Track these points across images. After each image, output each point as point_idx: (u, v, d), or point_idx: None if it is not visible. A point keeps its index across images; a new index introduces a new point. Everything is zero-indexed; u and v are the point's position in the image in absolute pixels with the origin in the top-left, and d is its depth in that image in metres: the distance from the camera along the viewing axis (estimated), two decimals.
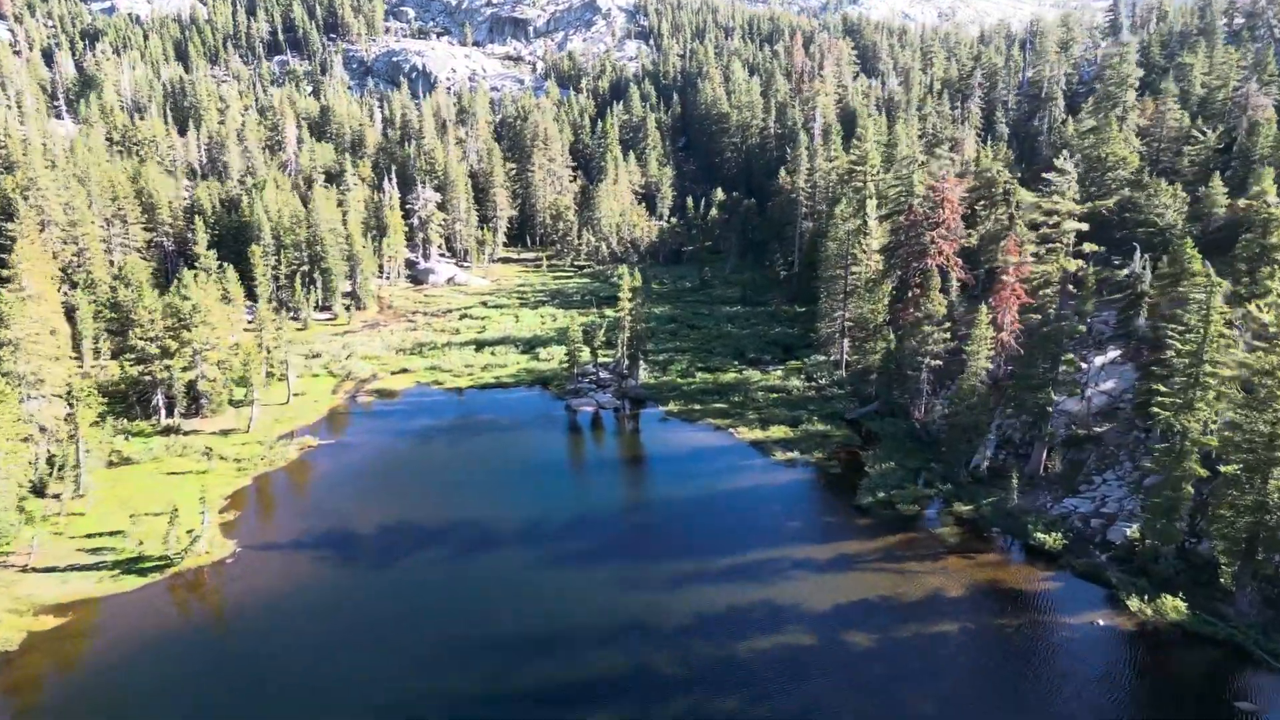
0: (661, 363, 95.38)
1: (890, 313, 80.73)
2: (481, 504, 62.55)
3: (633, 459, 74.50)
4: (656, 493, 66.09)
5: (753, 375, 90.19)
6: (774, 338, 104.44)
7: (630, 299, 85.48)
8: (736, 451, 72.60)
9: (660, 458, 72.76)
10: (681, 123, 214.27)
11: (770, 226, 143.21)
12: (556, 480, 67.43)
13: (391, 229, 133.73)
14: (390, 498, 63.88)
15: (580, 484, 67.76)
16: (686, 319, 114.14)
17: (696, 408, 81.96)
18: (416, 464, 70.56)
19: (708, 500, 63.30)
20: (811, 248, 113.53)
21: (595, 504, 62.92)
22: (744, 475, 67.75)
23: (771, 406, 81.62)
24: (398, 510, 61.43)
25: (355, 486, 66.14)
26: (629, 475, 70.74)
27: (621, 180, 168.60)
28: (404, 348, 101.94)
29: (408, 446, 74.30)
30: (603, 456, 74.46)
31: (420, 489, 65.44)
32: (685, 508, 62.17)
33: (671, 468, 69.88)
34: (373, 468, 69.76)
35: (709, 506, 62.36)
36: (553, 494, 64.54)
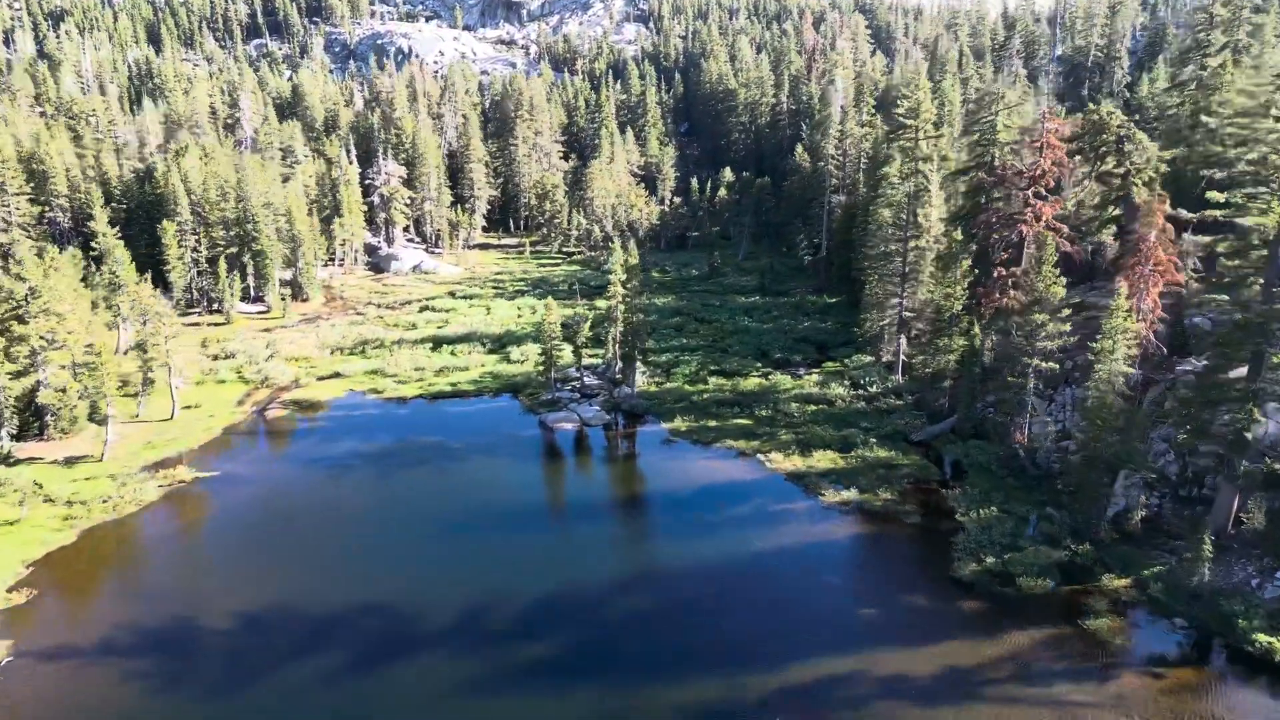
0: (664, 365, 75.34)
1: (968, 299, 60.61)
2: (404, 578, 42.49)
3: (627, 502, 54.14)
4: (662, 558, 45.74)
5: (781, 381, 70.07)
6: (803, 334, 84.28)
7: (624, 281, 65.33)
8: (769, 489, 52.52)
9: (665, 500, 52.43)
10: (684, 105, 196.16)
11: (791, 205, 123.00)
12: (518, 538, 47.10)
13: (346, 208, 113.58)
14: (271, 567, 43.78)
15: (551, 544, 47.39)
16: (694, 311, 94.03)
17: (711, 424, 61.92)
18: (323, 511, 50.40)
19: (737, 570, 43.15)
20: (846, 225, 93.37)
21: (571, 578, 42.67)
22: (784, 527, 47.57)
23: (811, 423, 61.53)
24: (275, 589, 41.32)
25: (225, 548, 46.07)
26: (622, 529, 50.40)
27: (618, 159, 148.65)
28: (342, 346, 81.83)
29: (317, 482, 54.17)
30: (585, 498, 54.08)
31: (318, 553, 45.29)
32: (705, 583, 41.98)
33: (681, 516, 49.62)
34: (260, 516, 49.67)
35: (740, 580, 42.19)
36: (510, 561, 44.36)
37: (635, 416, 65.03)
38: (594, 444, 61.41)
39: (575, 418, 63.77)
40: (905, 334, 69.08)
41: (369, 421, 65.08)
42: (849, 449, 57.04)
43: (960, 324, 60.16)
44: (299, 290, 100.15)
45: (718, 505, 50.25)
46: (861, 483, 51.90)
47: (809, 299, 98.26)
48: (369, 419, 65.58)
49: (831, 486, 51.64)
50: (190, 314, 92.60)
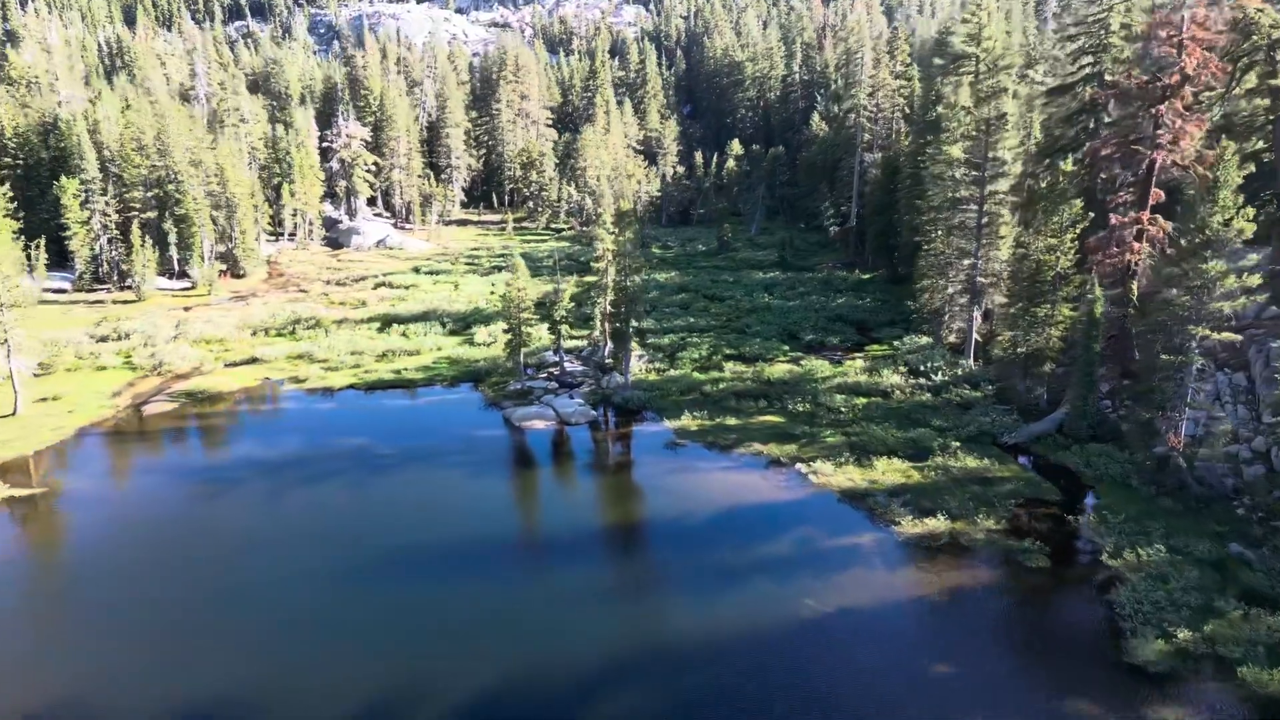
0: (667, 348, 59.80)
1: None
2: (274, 661, 26.88)
3: (620, 535, 38.13)
4: (673, 626, 29.91)
5: (817, 367, 54.47)
6: (837, 312, 68.62)
7: (615, 235, 49.74)
8: (818, 513, 36.92)
9: (673, 532, 36.52)
10: (686, 83, 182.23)
11: (811, 174, 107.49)
12: (460, 592, 31.54)
13: (298, 173, 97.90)
14: (71, 639, 28.20)
15: (510, 603, 31.51)
16: (703, 288, 78.42)
17: (730, 423, 46.38)
18: (180, 546, 34.78)
19: (783, 645, 27.41)
20: (885, 184, 77.78)
21: (539, 659, 27.06)
22: (848, 575, 31.90)
23: (865, 421, 46.01)
24: (67, 679, 25.72)
25: (16, 612, 30.42)
26: (613, 578, 34.47)
27: (615, 131, 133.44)
28: (268, 327, 66.25)
29: (184, 504, 38.58)
30: (561, 530, 37.89)
31: (152, 616, 29.70)
32: (736, 668, 26.28)
33: (697, 557, 33.87)
34: (88, 557, 34.13)
35: (788, 664, 26.46)
36: (447, 629, 28.83)
37: (630, 412, 49.43)
38: (576, 449, 45.74)
39: (551, 414, 48.13)
40: (979, 305, 53.46)
41: (279, 419, 49.56)
42: (923, 456, 41.49)
43: (1067, 287, 44.54)
44: (234, 265, 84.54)
45: (747, 539, 34.59)
46: (950, 505, 36.27)
47: (838, 274, 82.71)
48: (280, 415, 50.05)
49: (908, 511, 36.00)
50: (97, 290, 77.08)
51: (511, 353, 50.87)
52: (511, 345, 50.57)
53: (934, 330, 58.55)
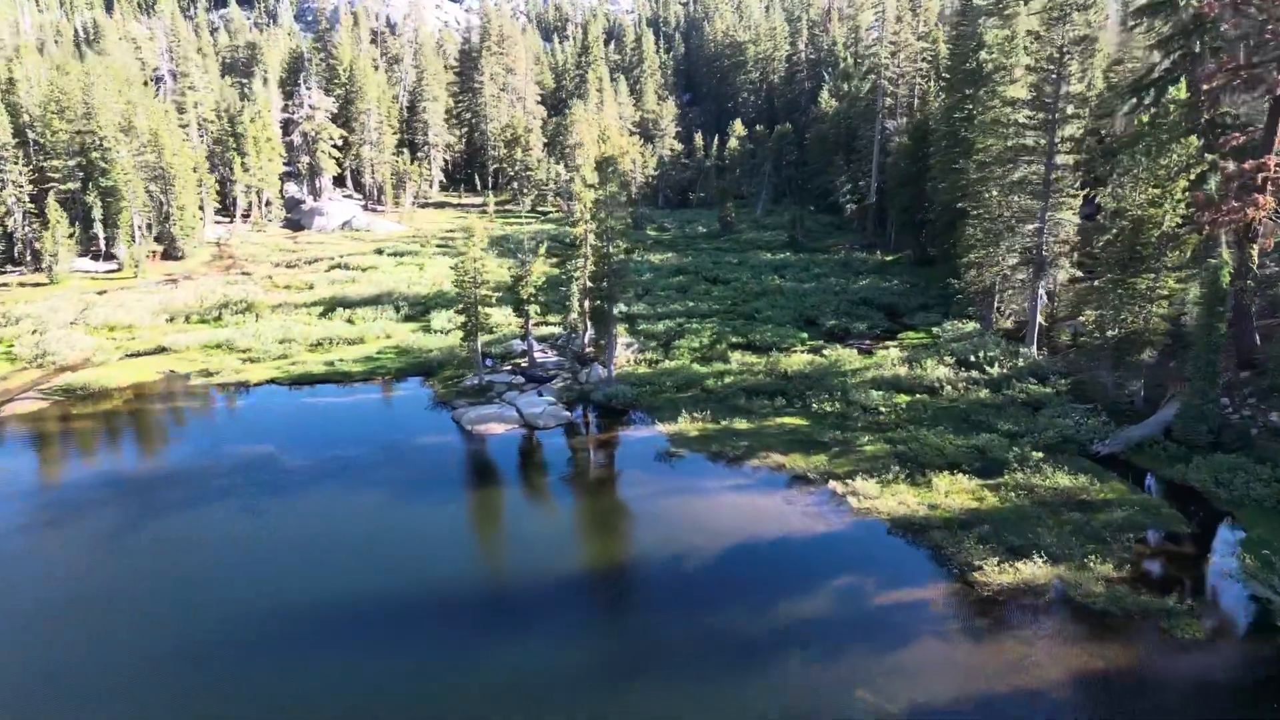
0: (661, 336, 49.76)
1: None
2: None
3: (596, 588, 27.62)
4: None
5: (844, 357, 44.42)
6: (861, 295, 58.54)
7: (595, 192, 39.62)
8: (866, 552, 27.03)
9: (668, 582, 26.21)
10: (685, 68, 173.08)
11: (824, 148, 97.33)
12: (374, 671, 21.61)
13: (252, 145, 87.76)
14: None
15: (445, 688, 21.53)
16: (703, 269, 68.30)
17: (740, 426, 36.37)
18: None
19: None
20: (913, 151, 67.69)
21: None
22: (925, 654, 21.85)
23: (911, 424, 36.01)
24: None
25: None
26: (586, 657, 24.17)
27: (609, 109, 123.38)
28: (191, 312, 56.17)
29: (6, 538, 28.53)
30: (517, 581, 27.27)
31: None
32: None
33: (702, 622, 23.71)
34: None
35: None
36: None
37: (614, 413, 39.37)
38: (541, 461, 35.64)
39: (513, 415, 38.03)
40: (1045, 280, 43.40)
41: (171, 421, 39.52)
42: (994, 470, 31.50)
43: (1175, 252, 34.50)
44: (171, 245, 74.40)
45: (769, 594, 24.53)
46: (1046, 541, 26.24)
47: (857, 255, 72.61)
48: (173, 417, 40.00)
49: (988, 549, 25.97)
50: (9, 272, 66.99)
51: (467, 340, 40.75)
52: (467, 331, 40.46)
53: (982, 313, 48.54)
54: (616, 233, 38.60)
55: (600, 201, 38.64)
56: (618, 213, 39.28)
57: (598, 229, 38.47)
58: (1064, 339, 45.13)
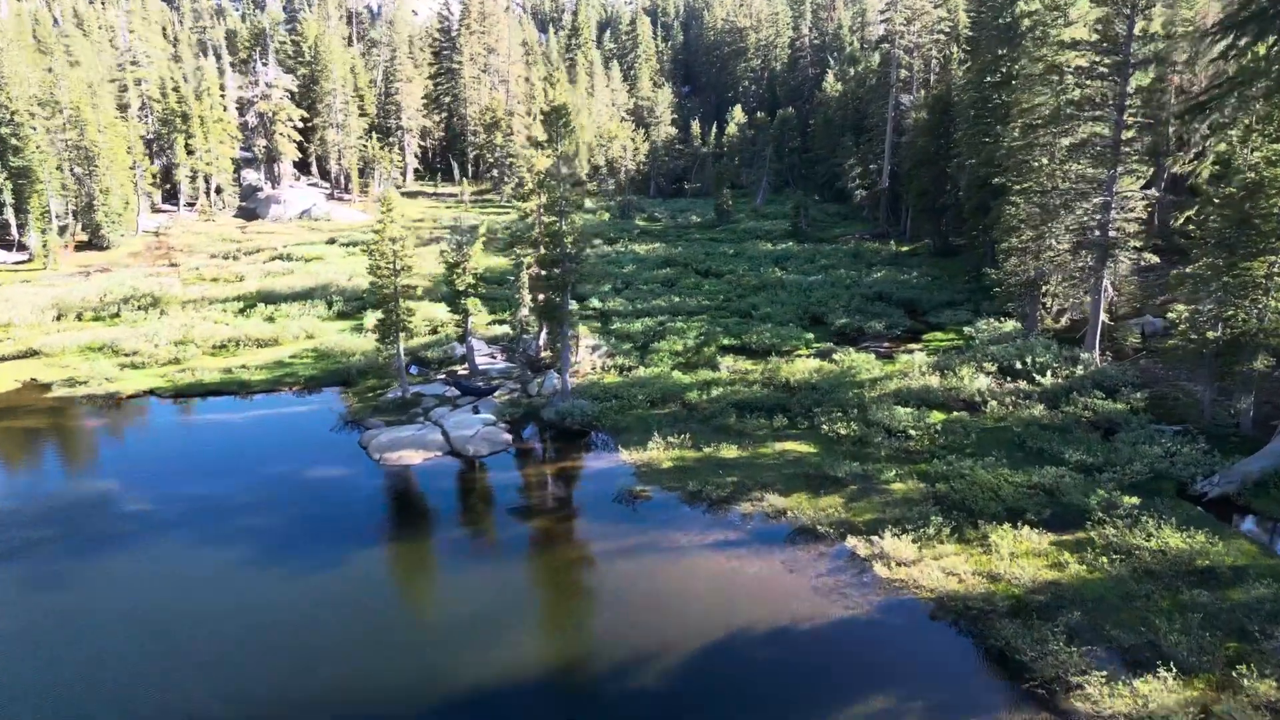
0: (639, 337, 41.29)
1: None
2: None
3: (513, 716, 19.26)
4: None
5: (858, 363, 36.01)
6: (876, 289, 50.02)
7: (546, 154, 31.07)
8: (904, 653, 18.53)
9: (622, 712, 17.79)
10: (684, 58, 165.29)
11: (830, 133, 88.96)
12: None
13: (197, 126, 79.39)
14: None
15: None
16: (694, 260, 59.80)
17: (729, 454, 28.03)
18: None
19: None
20: (933, 125, 59.27)
21: None
22: None
23: (951, 453, 27.51)
24: None
25: None
26: None
27: (600, 94, 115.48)
28: (87, 307, 47.89)
29: None
30: (391, 707, 19.19)
31: None
32: None
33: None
34: None
35: None
36: None
37: (569, 435, 30.89)
38: (465, 505, 27.17)
39: (436, 440, 29.53)
40: (1110, 267, 34.88)
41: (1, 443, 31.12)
42: (1070, 520, 23.14)
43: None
44: (96, 234, 66.04)
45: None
46: (1171, 640, 17.78)
47: (868, 245, 64.20)
48: (4, 438, 31.57)
49: (1085, 653, 17.49)
50: None
51: (385, 342, 32.31)
52: (384, 331, 32.01)
53: (1025, 310, 40.08)
54: (571, 204, 30.16)
55: (551, 170, 30.16)
56: (573, 179, 30.78)
57: (548, 201, 30.02)
58: (1131, 341, 36.66)
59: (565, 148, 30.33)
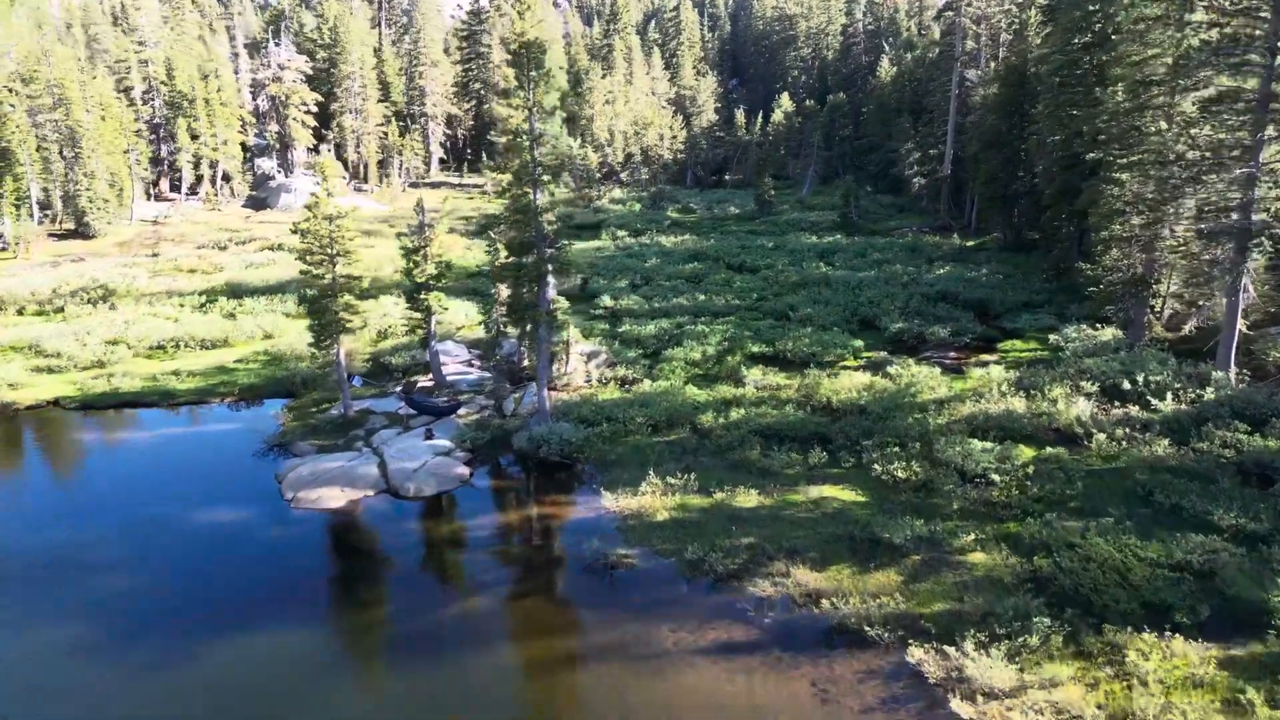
0: (650, 341, 34.29)
1: None
2: None
3: None
4: None
5: (920, 377, 28.67)
6: (938, 287, 42.20)
7: (522, 100, 24.21)
8: None
9: None
10: (732, 48, 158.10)
11: (885, 118, 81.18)
12: None
13: (201, 108, 74.38)
14: None
15: None
16: (726, 254, 52.49)
17: (744, 502, 20.97)
18: None
19: None
20: (1006, 100, 51.36)
21: None
22: None
23: (1050, 508, 20.07)
24: None
25: None
26: None
27: (639, 81, 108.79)
28: (35, 300, 42.35)
29: None
30: None
31: None
32: None
33: None
34: None
35: None
36: None
37: (544, 469, 24.02)
38: (388, 572, 20.38)
39: (371, 475, 22.88)
40: (1252, 260, 26.95)
41: None
42: (1240, 624, 15.53)
43: None
44: (80, 221, 61.03)
45: None
46: None
47: (927, 238, 56.41)
48: None
49: None
50: None
51: (320, 346, 25.80)
52: (319, 335, 25.53)
53: (1129, 314, 32.23)
54: (550, 170, 23.33)
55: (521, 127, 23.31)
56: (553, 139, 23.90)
57: (517, 167, 23.22)
58: (1275, 356, 28.70)
59: (540, 96, 23.55)
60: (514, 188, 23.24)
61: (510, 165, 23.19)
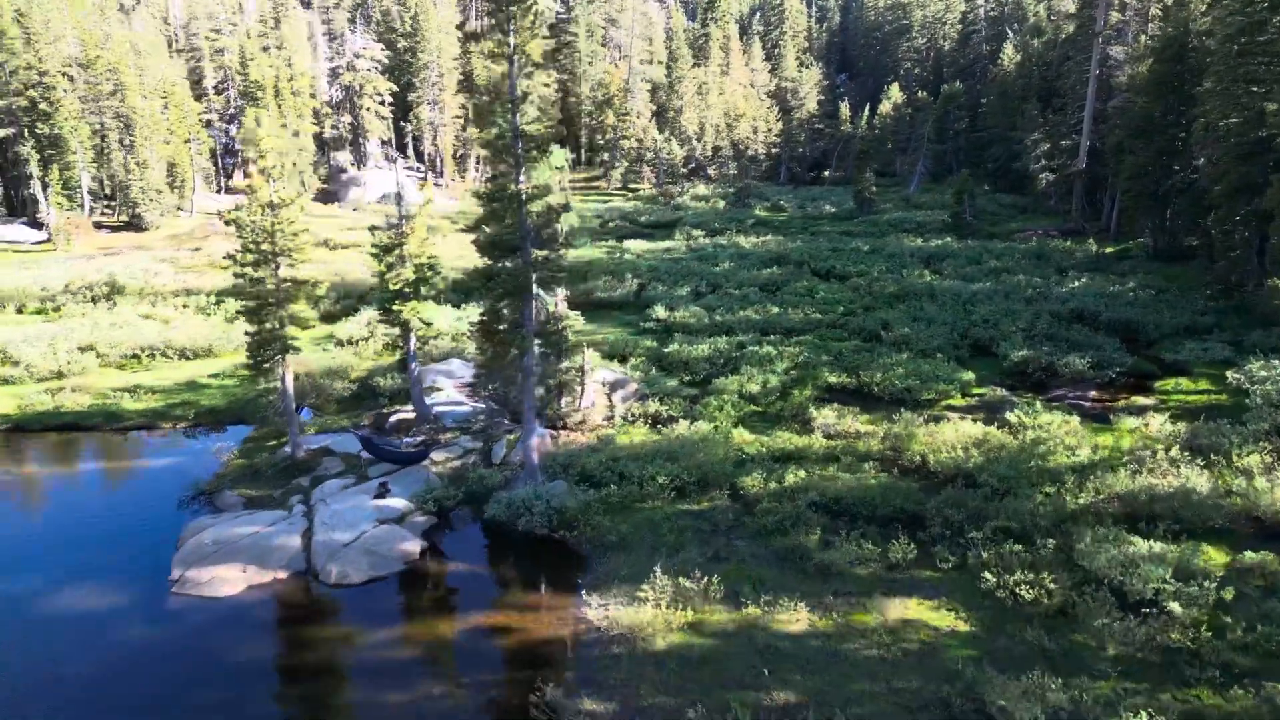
0: (700, 366, 27.58)
1: None
2: None
3: None
4: None
5: (1051, 428, 21.00)
6: (1073, 304, 33.89)
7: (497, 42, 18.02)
8: None
9: None
10: (841, 41, 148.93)
11: (1007, 106, 71.94)
12: None
13: (270, 97, 71.44)
14: None
15: None
16: (813, 258, 45.05)
17: (790, 626, 14.13)
18: None
19: None
20: (1160, 80, 42.36)
21: None
22: None
23: (1262, 668, 12.46)
24: None
25: None
26: None
27: (736, 72, 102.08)
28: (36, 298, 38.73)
29: None
30: None
31: None
32: None
33: None
34: None
35: None
36: None
37: (521, 549, 17.75)
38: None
39: (289, 548, 17.09)
40: None
41: None
42: None
43: None
44: (133, 213, 58.38)
45: None
46: None
47: (1056, 244, 47.67)
48: None
49: None
50: None
51: (258, 369, 20.33)
52: (256, 353, 20.04)
53: None
54: (536, 142, 17.12)
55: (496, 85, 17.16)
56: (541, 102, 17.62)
57: (493, 140, 17.06)
58: None
59: (525, 41, 17.35)
60: (492, 165, 17.11)
61: (485, 134, 17.09)
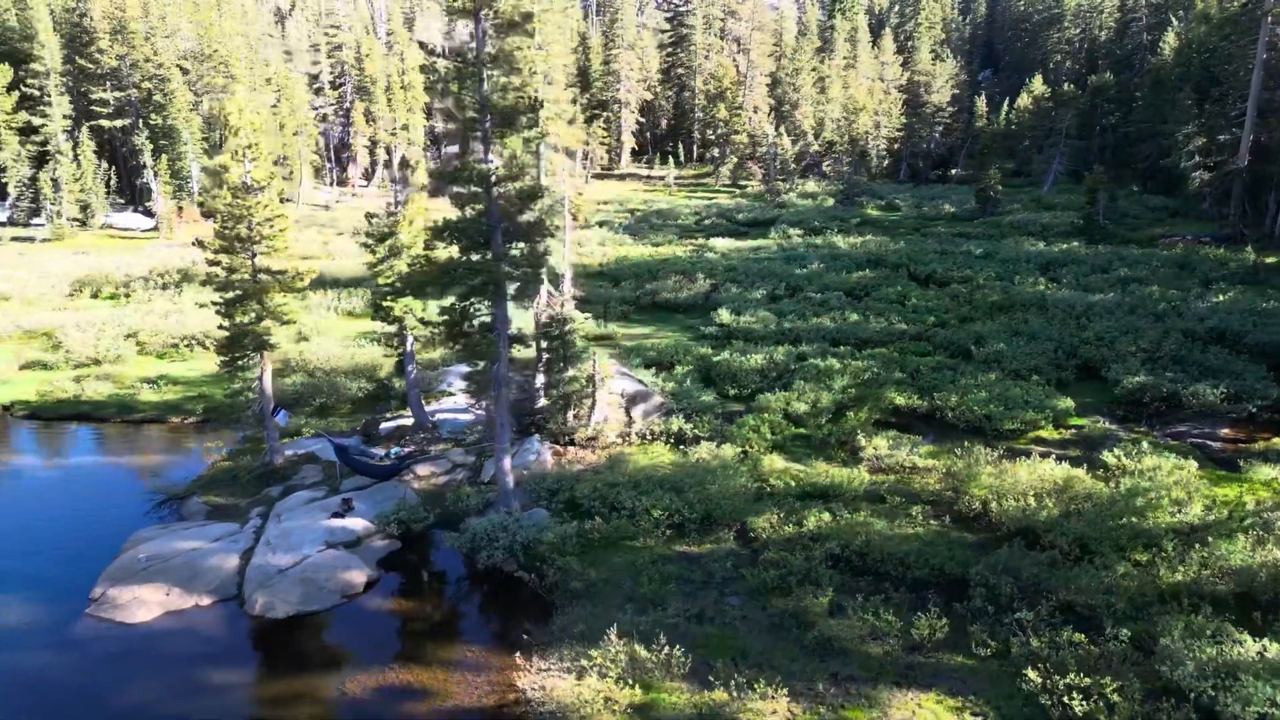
0: (749, 379, 24.40)
1: None
2: None
3: None
4: None
5: (1159, 475, 16.75)
6: (1211, 322, 28.59)
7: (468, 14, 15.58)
8: None
9: None
10: (986, 34, 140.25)
11: (1160, 99, 64.56)
12: None
13: (380, 90, 72.23)
14: None
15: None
16: (914, 261, 40.64)
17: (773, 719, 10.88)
18: None
19: None
20: None
21: None
22: None
23: None
24: None
25: None
26: None
27: (864, 65, 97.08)
28: (113, 282, 39.39)
29: None
30: None
31: None
32: None
33: None
34: None
35: None
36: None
37: (490, 584, 15.28)
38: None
39: (222, 570, 15.25)
40: None
41: None
42: None
43: None
44: None
45: None
46: None
47: (1206, 251, 41.51)
48: None
49: None
50: (32, 226, 55.09)
51: (232, 366, 18.72)
52: (232, 349, 18.42)
53: None
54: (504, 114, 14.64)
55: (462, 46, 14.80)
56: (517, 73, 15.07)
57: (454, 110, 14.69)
58: None
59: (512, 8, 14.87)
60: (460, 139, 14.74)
61: (443, 103, 14.77)
